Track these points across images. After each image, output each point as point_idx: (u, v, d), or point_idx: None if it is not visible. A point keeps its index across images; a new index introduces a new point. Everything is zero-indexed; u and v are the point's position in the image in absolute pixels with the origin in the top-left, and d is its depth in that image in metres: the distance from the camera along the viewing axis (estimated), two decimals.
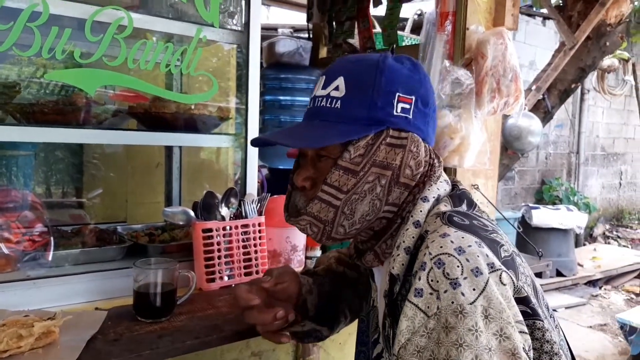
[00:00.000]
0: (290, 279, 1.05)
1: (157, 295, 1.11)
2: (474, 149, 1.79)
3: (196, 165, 2.13)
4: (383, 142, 0.85)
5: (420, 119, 0.88)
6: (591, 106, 7.38)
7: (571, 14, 4.44)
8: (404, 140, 0.86)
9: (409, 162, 0.86)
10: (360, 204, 0.86)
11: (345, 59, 0.93)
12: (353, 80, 0.87)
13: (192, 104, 1.44)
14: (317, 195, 0.86)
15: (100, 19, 1.22)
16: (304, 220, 0.89)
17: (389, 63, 0.88)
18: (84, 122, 1.31)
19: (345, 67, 0.89)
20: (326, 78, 0.90)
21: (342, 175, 0.85)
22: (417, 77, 0.89)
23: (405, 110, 0.87)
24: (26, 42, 1.16)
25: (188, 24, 1.38)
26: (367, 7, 2.50)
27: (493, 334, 0.70)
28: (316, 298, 1.06)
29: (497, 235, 0.83)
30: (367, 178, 0.85)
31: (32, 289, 1.16)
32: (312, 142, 0.87)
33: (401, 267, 0.82)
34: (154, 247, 1.41)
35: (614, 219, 8.13)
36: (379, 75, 0.86)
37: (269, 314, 0.98)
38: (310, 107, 0.92)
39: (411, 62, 0.91)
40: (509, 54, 1.76)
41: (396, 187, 0.86)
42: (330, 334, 1.09)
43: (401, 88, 0.87)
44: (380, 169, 0.85)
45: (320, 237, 0.90)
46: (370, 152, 0.85)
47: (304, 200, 0.94)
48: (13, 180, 1.92)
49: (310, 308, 1.05)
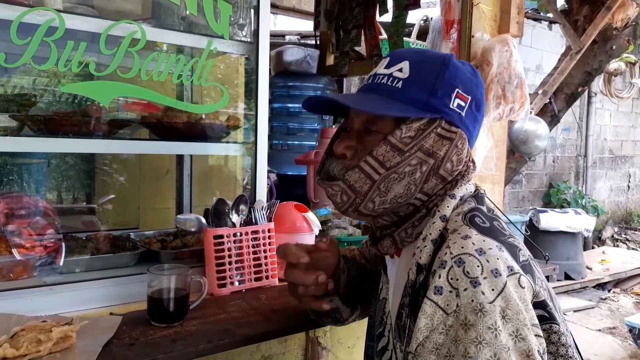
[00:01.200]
0: (335, 250, 1.08)
1: (171, 301, 1.14)
2: (480, 154, 1.81)
3: (206, 171, 2.17)
4: (434, 130, 0.88)
5: (470, 120, 0.91)
6: (598, 109, 7.36)
7: (577, 18, 4.45)
8: (454, 134, 0.88)
9: (452, 157, 0.89)
10: (397, 185, 0.88)
11: (410, 49, 0.97)
12: (419, 67, 0.90)
13: (203, 113, 1.48)
14: (359, 164, 0.88)
15: (114, 32, 1.26)
16: (337, 187, 0.91)
17: (453, 61, 0.92)
18: (98, 132, 1.35)
19: (411, 54, 0.93)
20: (390, 59, 0.93)
21: (388, 151, 0.87)
22: (475, 81, 0.93)
23: (461, 107, 0.90)
24: (42, 54, 1.20)
25: (199, 36, 1.42)
26: (373, 15, 2.53)
27: (509, 334, 0.72)
28: (346, 279, 1.09)
29: (515, 240, 0.85)
30: (411, 161, 0.87)
31: (49, 295, 1.20)
32: (372, 109, 0.90)
33: (428, 258, 0.84)
34: (167, 254, 1.44)
35: (623, 221, 8.09)
36: (444, 68, 0.90)
37: (311, 276, 1.00)
38: (368, 82, 0.94)
39: (472, 68, 0.95)
40: (514, 61, 1.79)
41: (433, 178, 0.89)
42: (347, 320, 1.11)
43: (461, 85, 0.90)
44: (425, 155, 0.87)
45: (347, 208, 0.91)
46: (420, 136, 0.87)
47: (341, 167, 0.94)
48: (25, 187, 1.97)
49: (341, 286, 1.08)
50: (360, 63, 2.69)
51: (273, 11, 4.93)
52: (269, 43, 1.53)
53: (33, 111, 1.46)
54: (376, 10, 2.54)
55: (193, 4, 1.37)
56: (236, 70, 2.10)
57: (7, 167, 1.89)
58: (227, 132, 1.57)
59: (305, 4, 4.97)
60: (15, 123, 1.38)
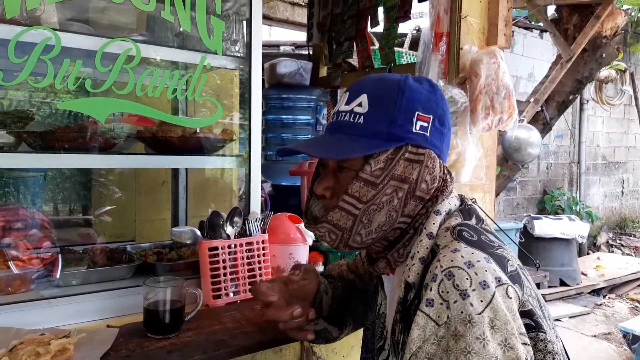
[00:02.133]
0: (312, 277, 1.11)
1: (166, 313, 1.16)
2: (470, 164, 1.84)
3: (202, 182, 2.19)
4: (402, 157, 0.91)
5: (436, 137, 0.94)
6: (591, 116, 7.43)
7: (567, 27, 4.52)
8: (421, 156, 0.91)
9: (425, 177, 0.92)
10: (378, 214, 0.91)
11: (368, 78, 0.99)
12: (376, 98, 0.92)
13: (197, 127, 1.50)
14: (338, 204, 0.92)
15: (109, 50, 1.29)
16: (324, 228, 0.94)
17: (409, 83, 0.93)
18: (94, 147, 1.38)
19: (368, 85, 0.95)
20: (350, 94, 0.96)
21: (362, 186, 0.90)
22: (434, 98, 0.95)
23: (424, 128, 0.92)
24: (39, 69, 1.22)
25: (193, 52, 1.45)
26: (364, 28, 2.57)
27: (498, 344, 0.75)
28: (330, 299, 1.12)
29: (504, 251, 0.88)
30: (386, 190, 0.90)
31: (46, 308, 1.22)
32: (336, 154, 0.93)
33: (416, 276, 0.87)
34: (162, 266, 1.46)
35: (617, 227, 8.13)
36: (400, 95, 0.91)
37: (286, 311, 1.03)
38: (333, 120, 0.98)
39: (430, 84, 0.97)
40: (501, 73, 1.82)
41: (412, 200, 0.92)
42: (338, 337, 1.14)
43: (420, 107, 0.92)
44: (398, 182, 0.90)
45: (337, 244, 0.95)
46: (389, 166, 0.90)
47: (323, 208, 0.99)
48: (22, 199, 1.98)
49: (324, 308, 1.11)
50: (352, 74, 2.72)
51: (267, 23, 4.98)
52: (261, 57, 1.56)
53: (30, 126, 1.48)
54: (367, 23, 2.58)
55: (186, 20, 1.41)
56: (231, 81, 2.12)
57: (3, 180, 1.90)
58: (222, 145, 1.60)
59: (299, 16, 5.02)
60: (12, 139, 1.40)
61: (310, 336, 1.07)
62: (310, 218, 1.02)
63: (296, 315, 1.03)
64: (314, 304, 1.10)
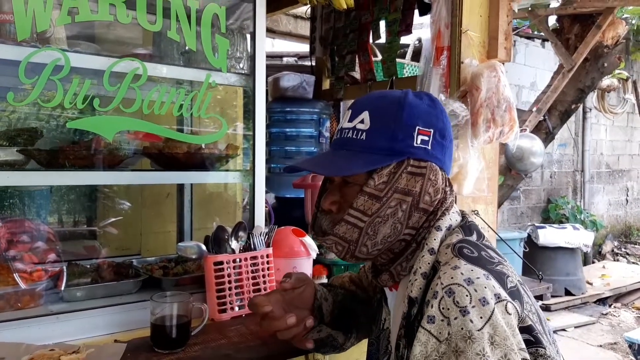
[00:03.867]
0: (306, 284, 1.13)
1: (173, 327, 1.18)
2: (472, 176, 1.86)
3: (206, 195, 2.20)
4: (404, 170, 0.93)
5: (438, 150, 0.96)
6: (594, 124, 7.44)
7: (568, 37, 4.54)
8: (424, 169, 0.94)
9: (428, 189, 0.94)
10: (383, 227, 0.93)
11: (370, 95, 1.02)
12: (377, 115, 0.95)
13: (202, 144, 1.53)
14: (344, 218, 0.94)
15: (117, 69, 1.32)
16: (330, 240, 0.97)
17: (409, 99, 0.96)
18: (102, 164, 1.40)
19: (370, 102, 0.98)
20: (352, 112, 0.99)
21: (367, 200, 0.93)
22: (434, 112, 0.97)
23: (425, 142, 0.95)
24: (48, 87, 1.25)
25: (198, 70, 1.48)
26: (367, 41, 2.61)
27: (498, 359, 0.76)
28: (331, 305, 1.14)
29: (504, 267, 0.89)
30: (390, 203, 0.93)
31: (55, 324, 1.23)
32: (340, 171, 0.96)
33: (419, 291, 0.89)
34: (168, 281, 1.48)
35: (622, 235, 8.10)
36: (400, 111, 0.94)
37: (281, 321, 1.04)
38: (337, 137, 1.01)
39: (430, 98, 0.99)
40: (502, 86, 1.85)
41: (416, 212, 0.94)
42: (345, 344, 1.15)
43: (421, 122, 0.95)
44: (402, 195, 0.93)
45: (344, 255, 0.97)
46: (392, 180, 0.93)
47: (330, 222, 1.01)
48: (27, 211, 2.00)
49: (325, 314, 1.13)
50: (355, 87, 2.76)
51: (270, 35, 5.03)
52: (265, 71, 1.59)
53: (38, 143, 1.51)
54: (369, 36, 2.62)
55: (192, 39, 1.44)
56: (235, 93, 2.15)
57: (9, 192, 1.92)
58: (227, 160, 1.62)
59: (302, 29, 5.07)
60: (21, 156, 1.43)
61: (310, 345, 1.08)
62: (318, 231, 1.04)
63: (290, 323, 1.04)
64: (313, 311, 1.12)
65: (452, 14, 1.92)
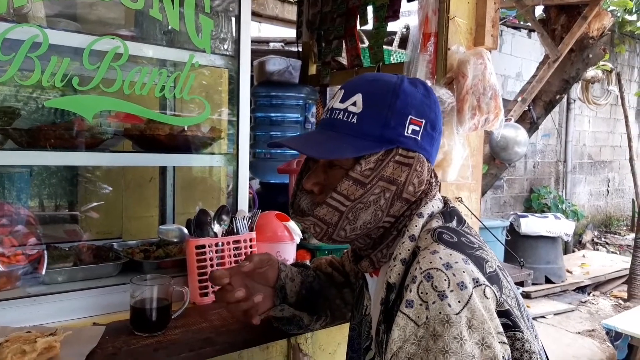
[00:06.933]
0: (269, 266, 1.12)
1: (153, 310, 1.17)
2: (457, 163, 1.86)
3: (190, 180, 2.18)
4: (392, 159, 0.92)
5: (427, 141, 0.95)
6: (577, 115, 7.51)
7: (554, 28, 4.56)
8: (411, 159, 0.93)
9: (413, 180, 0.93)
10: (364, 213, 0.92)
11: (364, 76, 0.99)
12: (371, 99, 0.93)
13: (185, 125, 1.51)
14: (326, 201, 0.93)
15: (97, 47, 1.28)
16: (309, 221, 0.96)
17: (405, 86, 0.94)
18: (81, 145, 1.37)
19: (364, 85, 0.95)
20: (345, 92, 0.96)
21: (351, 185, 0.91)
22: (428, 102, 0.95)
23: (415, 132, 0.93)
24: (25, 66, 1.22)
25: (181, 51, 1.45)
26: (354, 27, 2.58)
27: (476, 343, 0.76)
28: (297, 286, 1.14)
29: (483, 252, 0.89)
30: (374, 190, 0.92)
31: (32, 306, 1.21)
32: (329, 154, 0.94)
33: (397, 277, 0.89)
34: (149, 264, 1.46)
35: (602, 225, 8.25)
36: (394, 98, 0.92)
37: (231, 294, 1.05)
38: (326, 117, 0.98)
39: (424, 87, 0.97)
40: (488, 73, 1.84)
41: (398, 201, 0.93)
42: (311, 325, 1.16)
43: (414, 111, 0.93)
44: (386, 184, 0.92)
45: (322, 237, 0.97)
46: (379, 167, 0.91)
47: (310, 202, 1.01)
48: (7, 195, 1.97)
49: (290, 294, 1.13)
50: (342, 73, 2.74)
51: (257, 19, 4.97)
52: (250, 55, 1.57)
53: (16, 122, 1.47)
54: (357, 22, 2.59)
55: (175, 19, 1.41)
56: (220, 77, 2.12)
57: None
58: (210, 143, 1.60)
59: (289, 13, 5.02)
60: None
61: (256, 321, 1.08)
62: (297, 210, 1.03)
63: (238, 296, 1.04)
64: (275, 291, 1.12)
65: (440, 0, 1.91)
